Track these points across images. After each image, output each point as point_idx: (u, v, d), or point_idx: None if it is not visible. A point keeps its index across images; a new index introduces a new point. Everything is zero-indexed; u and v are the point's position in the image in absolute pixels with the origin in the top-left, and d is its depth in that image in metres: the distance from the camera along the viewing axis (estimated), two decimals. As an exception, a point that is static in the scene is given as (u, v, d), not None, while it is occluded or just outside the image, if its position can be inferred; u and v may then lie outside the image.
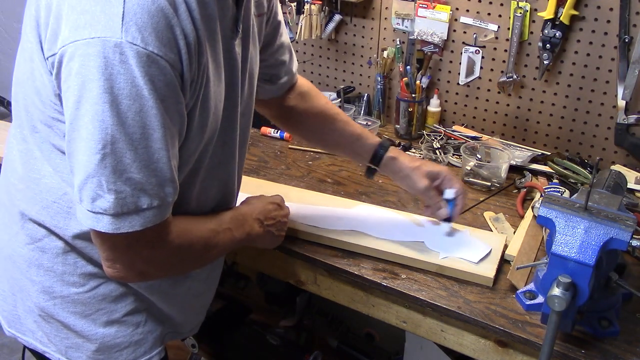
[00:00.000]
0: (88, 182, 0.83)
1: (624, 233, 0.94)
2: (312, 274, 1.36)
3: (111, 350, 1.07)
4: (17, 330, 1.09)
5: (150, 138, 0.83)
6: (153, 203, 0.86)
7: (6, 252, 1.06)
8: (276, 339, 2.05)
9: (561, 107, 1.72)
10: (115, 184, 0.82)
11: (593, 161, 1.66)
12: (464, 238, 1.32)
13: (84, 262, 1.02)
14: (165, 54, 0.80)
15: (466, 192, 1.33)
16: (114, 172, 0.82)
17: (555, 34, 1.61)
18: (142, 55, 0.78)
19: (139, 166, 0.83)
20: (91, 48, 0.78)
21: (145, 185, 0.84)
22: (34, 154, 0.97)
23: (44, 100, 0.90)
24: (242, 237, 1.12)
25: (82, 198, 0.84)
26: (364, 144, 1.33)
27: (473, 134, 1.83)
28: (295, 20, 1.96)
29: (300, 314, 2.17)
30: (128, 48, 0.78)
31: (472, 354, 1.21)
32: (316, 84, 2.13)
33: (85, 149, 0.81)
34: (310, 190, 1.54)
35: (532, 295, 1.07)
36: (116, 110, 0.79)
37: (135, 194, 0.84)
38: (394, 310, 1.27)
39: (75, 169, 0.84)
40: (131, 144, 0.82)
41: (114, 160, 0.81)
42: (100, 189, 0.82)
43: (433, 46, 1.83)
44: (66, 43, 0.80)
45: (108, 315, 1.05)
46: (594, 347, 1.07)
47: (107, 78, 0.78)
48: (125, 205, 0.84)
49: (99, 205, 0.83)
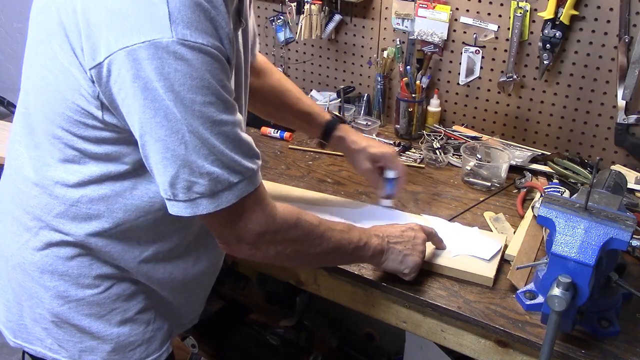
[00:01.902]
0: (179, 175, 0.86)
1: (624, 233, 0.94)
2: (312, 274, 1.36)
3: (125, 350, 1.07)
4: (23, 340, 1.09)
5: (221, 122, 0.87)
6: (243, 176, 0.91)
7: (15, 260, 1.05)
8: (276, 339, 2.05)
9: (561, 107, 1.72)
10: (205, 168, 0.87)
11: (593, 161, 1.66)
12: (473, 236, 1.33)
13: (99, 264, 1.02)
14: (213, 43, 0.84)
15: (406, 171, 1.40)
16: (200, 158, 0.86)
17: (555, 34, 1.61)
18: (194, 49, 0.81)
19: (220, 149, 0.87)
20: (143, 52, 0.80)
21: (231, 163, 0.89)
22: (46, 160, 0.97)
23: (71, 106, 0.90)
24: (359, 243, 1.11)
25: (175, 193, 0.88)
26: (314, 120, 1.39)
27: (473, 134, 1.83)
28: (295, 20, 1.97)
29: (300, 314, 2.17)
30: (180, 45, 0.80)
31: (472, 354, 1.21)
32: (316, 84, 2.13)
33: (167, 145, 0.85)
34: (310, 190, 1.55)
35: (532, 295, 1.07)
36: (182, 105, 0.83)
37: (225, 172, 0.88)
38: (394, 310, 1.27)
39: (161, 168, 0.87)
40: (205, 132, 0.85)
41: (197, 148, 0.85)
42: (193, 175, 0.87)
43: (433, 46, 1.83)
44: (114, 51, 0.81)
45: (122, 315, 1.06)
46: (594, 347, 1.07)
47: (166, 77, 0.81)
48: (219, 184, 0.88)
49: (195, 191, 0.88)
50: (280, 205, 1.00)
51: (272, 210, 0.98)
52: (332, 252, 1.09)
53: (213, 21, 0.84)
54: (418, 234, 1.20)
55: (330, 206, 1.45)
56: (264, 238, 0.98)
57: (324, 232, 1.06)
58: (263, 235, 0.97)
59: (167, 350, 1.14)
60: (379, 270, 1.23)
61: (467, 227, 1.38)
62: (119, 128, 0.91)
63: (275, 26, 2.04)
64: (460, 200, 1.54)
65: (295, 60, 2.15)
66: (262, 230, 0.97)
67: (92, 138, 0.92)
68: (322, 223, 1.06)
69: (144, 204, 0.98)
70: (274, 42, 2.14)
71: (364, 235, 1.13)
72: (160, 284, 1.09)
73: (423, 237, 1.20)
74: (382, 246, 1.15)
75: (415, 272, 1.19)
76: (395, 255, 1.16)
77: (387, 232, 1.18)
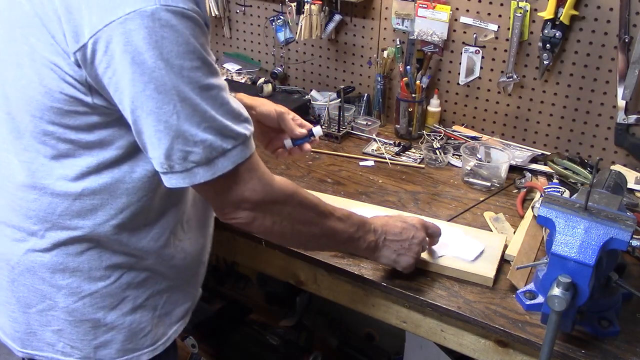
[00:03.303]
0: (174, 145, 0.87)
1: (624, 233, 0.94)
2: (312, 274, 1.36)
3: (137, 337, 1.08)
4: (33, 348, 1.08)
5: (209, 87, 0.87)
6: (236, 141, 0.91)
7: (23, 266, 1.03)
8: (276, 339, 2.05)
9: (561, 107, 1.72)
10: (198, 136, 0.87)
11: (593, 161, 1.66)
12: (458, 237, 1.33)
13: (109, 254, 1.02)
14: (192, 7, 0.85)
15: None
16: (193, 126, 0.86)
17: (555, 34, 1.61)
18: (177, 14, 0.82)
19: (211, 115, 0.88)
20: (130, 23, 0.80)
21: (224, 129, 0.89)
22: (39, 160, 0.96)
23: (57, 97, 0.89)
24: (354, 236, 1.11)
25: (171, 165, 0.89)
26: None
27: (473, 134, 1.83)
28: (295, 20, 1.96)
29: (300, 314, 2.17)
30: (164, 11, 0.81)
31: (472, 354, 1.21)
32: (316, 84, 2.13)
33: (160, 117, 0.85)
34: (310, 190, 1.54)
35: (532, 295, 1.07)
36: (172, 73, 0.83)
37: (218, 138, 0.89)
38: (394, 310, 1.27)
39: (155, 142, 0.87)
40: (196, 98, 0.86)
41: (189, 116, 0.86)
42: (187, 145, 0.87)
43: (433, 46, 1.83)
44: (98, 29, 0.81)
45: (133, 302, 1.06)
46: (594, 347, 1.07)
47: (155, 46, 0.81)
48: (213, 151, 0.89)
49: (191, 160, 0.88)
50: (278, 177, 1.01)
51: (268, 178, 0.99)
52: (324, 237, 1.09)
53: None
54: (417, 234, 1.19)
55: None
56: (261, 206, 0.98)
57: (321, 213, 1.06)
58: (260, 203, 0.98)
59: (175, 333, 1.15)
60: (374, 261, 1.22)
61: (452, 227, 1.37)
62: (110, 110, 0.90)
63: (275, 26, 2.04)
64: (460, 200, 1.54)
65: (295, 60, 2.15)
66: (260, 198, 0.97)
67: (84, 126, 0.92)
68: (321, 204, 1.07)
69: (144, 185, 0.99)
70: (274, 42, 2.14)
71: (361, 230, 1.13)
72: (167, 265, 1.09)
73: (422, 236, 1.20)
74: (377, 243, 1.15)
75: (408, 271, 1.20)
76: (389, 253, 1.17)
77: (387, 227, 1.17)
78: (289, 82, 2.20)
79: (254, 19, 2.16)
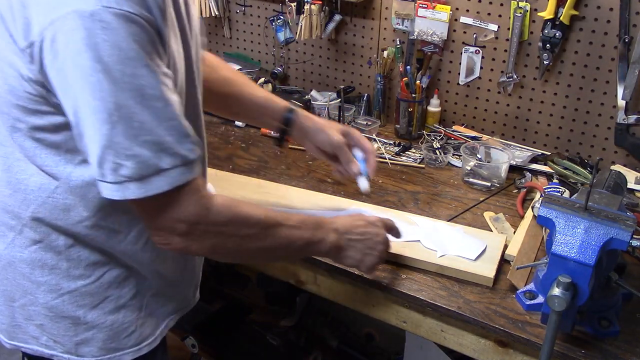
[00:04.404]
0: (105, 155, 0.83)
1: (624, 233, 0.94)
2: (312, 274, 1.36)
3: (120, 336, 1.07)
4: (19, 340, 1.09)
5: (152, 97, 0.83)
6: (176, 162, 0.86)
7: (5, 260, 1.04)
8: (276, 339, 2.05)
9: (561, 107, 1.72)
10: (132, 149, 0.83)
11: (593, 161, 1.66)
12: (458, 236, 1.33)
13: (88, 253, 1.02)
14: (140, 12, 0.81)
15: (374, 151, 1.33)
16: (127, 138, 0.82)
17: (555, 34, 1.61)
18: (120, 17, 0.79)
19: (150, 127, 0.83)
20: (69, 22, 0.78)
21: (163, 145, 0.85)
22: (15, 155, 0.96)
23: (21, 95, 0.88)
24: (313, 239, 1.08)
25: (103, 173, 0.85)
26: (273, 106, 1.33)
27: (473, 134, 1.83)
28: (295, 20, 1.96)
29: (300, 314, 2.17)
30: (105, 13, 0.78)
31: (472, 354, 1.21)
32: (316, 84, 2.13)
33: (94, 123, 0.82)
34: (310, 190, 1.54)
35: (532, 295, 1.07)
36: (111, 77, 0.80)
37: (155, 155, 0.84)
38: (394, 310, 1.27)
39: (90, 147, 0.85)
40: (135, 107, 0.82)
41: (124, 127, 0.82)
42: (118, 157, 0.83)
43: (433, 46, 1.83)
44: (44, 27, 0.80)
45: (115, 302, 1.06)
46: (594, 347, 1.07)
47: (94, 48, 0.78)
48: (147, 168, 0.85)
49: (121, 174, 0.84)
50: (220, 197, 0.97)
51: (207, 201, 0.93)
52: (279, 248, 1.06)
53: None
54: (380, 231, 1.17)
55: (329, 206, 1.45)
56: (196, 230, 0.94)
57: (269, 227, 1.02)
58: (196, 227, 0.94)
59: (161, 334, 1.14)
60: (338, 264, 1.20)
61: (452, 227, 1.37)
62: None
63: (275, 26, 2.04)
64: (460, 200, 1.54)
65: (295, 60, 2.15)
66: (194, 221, 0.92)
67: (49, 126, 0.90)
68: (269, 217, 1.02)
69: None
70: (274, 42, 2.14)
71: (320, 231, 1.10)
72: (150, 266, 1.08)
73: (384, 234, 1.18)
74: (340, 243, 1.12)
75: (373, 271, 1.18)
76: (354, 253, 1.14)
77: (347, 226, 1.14)
78: (289, 82, 2.20)
79: (254, 19, 2.16)
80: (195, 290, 1.25)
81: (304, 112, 1.34)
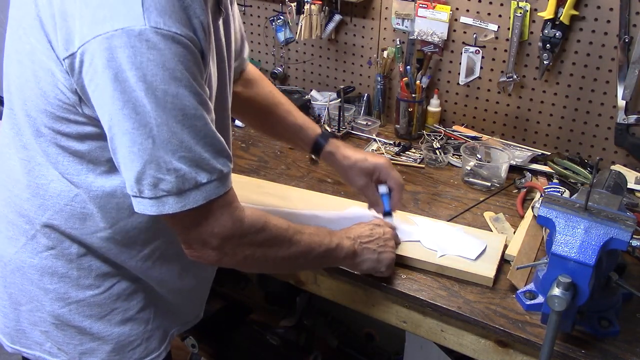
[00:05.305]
0: (146, 170, 0.84)
1: (624, 233, 0.94)
2: (312, 274, 1.36)
3: (125, 350, 1.07)
4: (21, 345, 1.08)
5: (192, 117, 0.84)
6: (212, 176, 0.88)
7: (14, 265, 1.04)
8: (276, 339, 2.05)
9: (561, 107, 1.72)
10: (172, 164, 0.84)
11: (593, 161, 1.66)
12: (458, 236, 1.33)
13: (99, 263, 1.02)
14: (187, 33, 0.82)
15: (402, 183, 1.29)
16: (168, 153, 0.84)
17: (555, 34, 1.61)
18: (167, 38, 0.80)
19: (189, 145, 0.85)
20: (116, 40, 0.78)
21: (200, 161, 0.86)
22: (37, 160, 0.96)
23: (52, 102, 0.89)
24: (331, 245, 1.09)
25: (141, 189, 0.86)
26: (305, 135, 1.34)
27: (473, 134, 1.83)
28: (295, 20, 1.97)
29: (300, 314, 2.17)
30: (153, 33, 0.79)
31: (472, 354, 1.21)
32: (316, 84, 2.13)
33: (135, 139, 0.83)
34: (310, 190, 1.54)
35: (532, 295, 1.07)
36: (154, 97, 0.81)
37: (193, 170, 0.86)
38: (394, 310, 1.27)
39: (127, 163, 0.85)
40: (176, 126, 0.83)
41: (165, 143, 0.83)
42: (160, 172, 0.84)
43: (433, 46, 1.83)
44: (87, 40, 0.80)
45: (122, 314, 1.06)
46: (594, 347, 1.07)
47: (139, 67, 0.79)
48: (186, 182, 0.86)
49: (161, 189, 0.85)
50: (248, 209, 0.98)
51: (240, 214, 0.95)
52: (302, 256, 1.07)
53: (187, 10, 0.82)
54: (385, 229, 1.20)
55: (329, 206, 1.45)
56: (230, 242, 0.95)
57: (293, 235, 1.03)
58: (230, 240, 0.95)
59: (165, 350, 1.14)
60: (355, 271, 1.21)
61: (452, 227, 1.37)
62: (99, 121, 0.89)
63: (275, 26, 2.04)
64: (460, 200, 1.54)
65: (295, 60, 2.15)
66: (229, 234, 0.94)
67: (75, 135, 0.91)
68: (291, 227, 1.04)
69: None
70: (274, 42, 2.14)
71: (336, 237, 1.11)
72: (159, 283, 1.09)
73: (390, 231, 1.21)
74: (355, 248, 1.14)
75: (391, 269, 1.20)
76: (370, 255, 1.16)
77: (357, 233, 1.17)
78: (289, 82, 2.20)
79: (254, 19, 2.16)
80: (202, 305, 1.25)
81: (333, 146, 1.32)
